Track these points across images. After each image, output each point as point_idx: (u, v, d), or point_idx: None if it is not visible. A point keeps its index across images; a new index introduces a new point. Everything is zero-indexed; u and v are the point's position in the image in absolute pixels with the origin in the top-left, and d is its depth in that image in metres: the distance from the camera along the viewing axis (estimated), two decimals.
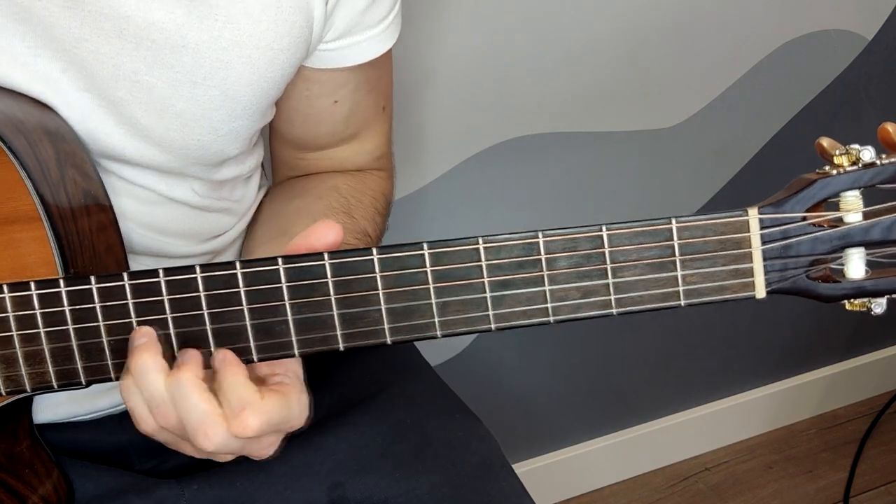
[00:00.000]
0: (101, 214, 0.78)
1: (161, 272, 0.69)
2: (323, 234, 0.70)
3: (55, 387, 0.73)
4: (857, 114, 1.81)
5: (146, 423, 0.71)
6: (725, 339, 1.96)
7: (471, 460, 0.93)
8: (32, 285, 0.70)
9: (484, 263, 0.68)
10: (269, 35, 0.83)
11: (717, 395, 2.01)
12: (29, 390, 0.73)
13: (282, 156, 1.05)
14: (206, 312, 0.69)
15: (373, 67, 0.95)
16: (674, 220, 0.66)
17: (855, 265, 0.66)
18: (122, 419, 0.91)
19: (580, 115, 1.63)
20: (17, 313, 0.71)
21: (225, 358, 0.69)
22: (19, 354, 0.72)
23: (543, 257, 0.68)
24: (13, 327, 0.71)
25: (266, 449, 0.73)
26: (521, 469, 1.84)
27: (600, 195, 1.69)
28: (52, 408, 0.89)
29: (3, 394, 0.74)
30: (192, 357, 0.70)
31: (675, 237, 0.67)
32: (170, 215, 0.88)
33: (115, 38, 0.78)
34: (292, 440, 0.91)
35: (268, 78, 0.85)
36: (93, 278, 0.70)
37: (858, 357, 2.12)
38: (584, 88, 1.61)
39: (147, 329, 0.70)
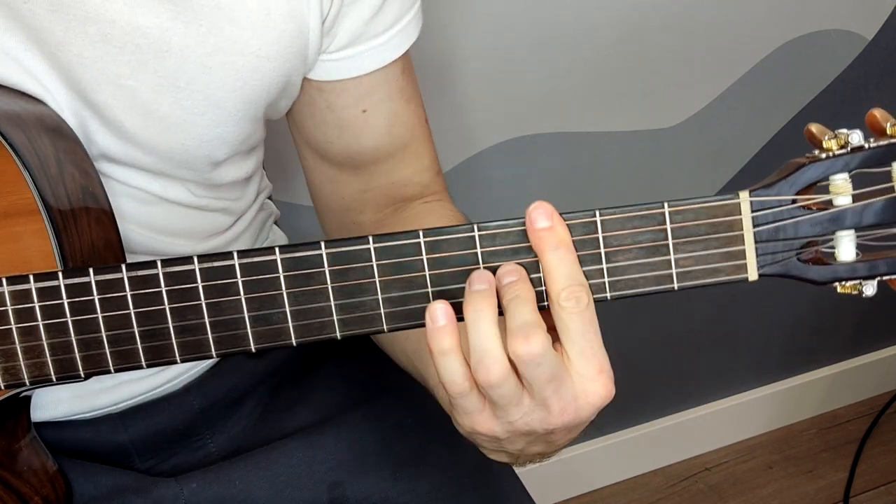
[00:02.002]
0: (100, 211, 0.78)
1: (159, 263, 0.69)
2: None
3: (54, 380, 0.73)
4: (857, 114, 1.80)
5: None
6: (725, 339, 1.96)
7: (471, 460, 0.93)
8: (31, 278, 0.71)
9: (479, 251, 0.68)
10: (255, 42, 0.82)
11: (717, 395, 2.01)
12: (28, 383, 0.73)
13: (342, 196, 0.98)
14: (203, 302, 0.69)
15: (400, 74, 0.93)
16: (666, 204, 0.67)
17: (845, 248, 0.66)
18: (123, 417, 0.91)
19: (580, 115, 1.63)
20: (15, 306, 0.71)
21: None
22: (18, 348, 0.72)
23: None
24: (12, 321, 0.71)
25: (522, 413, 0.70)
26: (521, 469, 1.83)
27: (600, 195, 1.69)
28: (52, 405, 0.88)
29: (2, 388, 0.74)
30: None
31: (668, 221, 0.67)
32: (165, 214, 0.88)
33: (100, 43, 0.78)
34: (293, 440, 0.92)
35: (252, 85, 0.84)
36: (91, 270, 0.70)
37: (858, 357, 2.12)
38: (585, 88, 1.61)
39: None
